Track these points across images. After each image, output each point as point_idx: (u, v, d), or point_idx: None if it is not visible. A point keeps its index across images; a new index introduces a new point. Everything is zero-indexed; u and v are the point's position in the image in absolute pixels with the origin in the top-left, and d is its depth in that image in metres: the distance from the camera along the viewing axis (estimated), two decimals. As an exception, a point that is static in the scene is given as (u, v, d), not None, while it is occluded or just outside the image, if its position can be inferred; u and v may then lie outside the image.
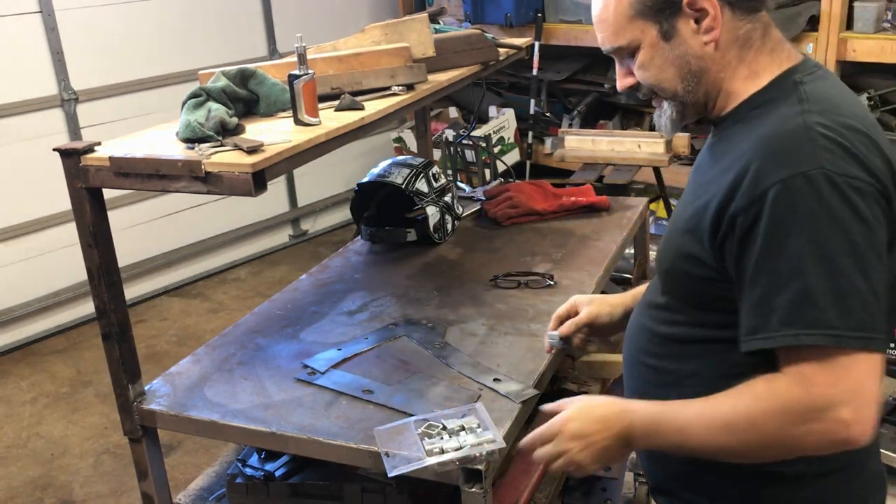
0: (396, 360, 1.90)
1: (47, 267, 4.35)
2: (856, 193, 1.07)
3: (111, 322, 1.74)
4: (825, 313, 1.06)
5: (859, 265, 1.06)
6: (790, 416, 1.09)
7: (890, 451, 2.91)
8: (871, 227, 1.08)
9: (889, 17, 3.60)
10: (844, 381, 1.06)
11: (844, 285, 1.06)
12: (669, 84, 1.26)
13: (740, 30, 1.22)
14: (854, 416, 1.06)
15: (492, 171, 4.36)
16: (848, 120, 1.13)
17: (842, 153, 1.08)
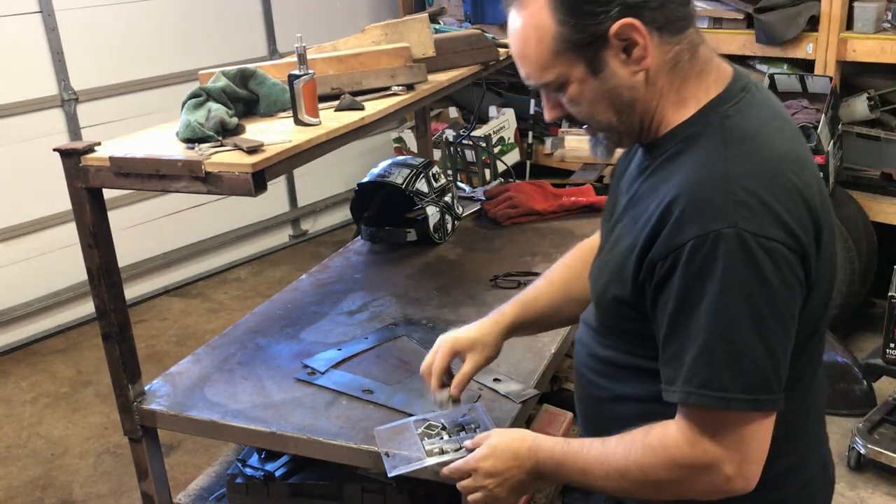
0: (396, 360, 1.90)
1: (47, 267, 4.35)
2: (767, 255, 1.05)
3: (111, 322, 1.74)
4: (719, 375, 1.07)
5: (760, 329, 1.06)
6: (676, 469, 1.13)
7: (890, 451, 2.91)
8: (780, 291, 1.07)
9: (889, 17, 3.60)
10: (730, 440, 1.10)
11: (741, 348, 1.07)
12: (603, 116, 1.20)
13: (669, 53, 1.15)
14: (736, 472, 1.11)
15: (492, 171, 4.36)
16: (771, 164, 1.09)
17: (759, 209, 1.05)
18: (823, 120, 3.49)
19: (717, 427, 1.10)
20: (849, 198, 3.77)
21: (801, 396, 1.24)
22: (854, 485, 2.97)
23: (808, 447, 1.32)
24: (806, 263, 1.09)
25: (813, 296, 1.13)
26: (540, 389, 1.78)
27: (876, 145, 3.84)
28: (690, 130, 1.15)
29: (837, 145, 3.69)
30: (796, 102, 3.71)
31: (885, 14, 3.61)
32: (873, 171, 3.84)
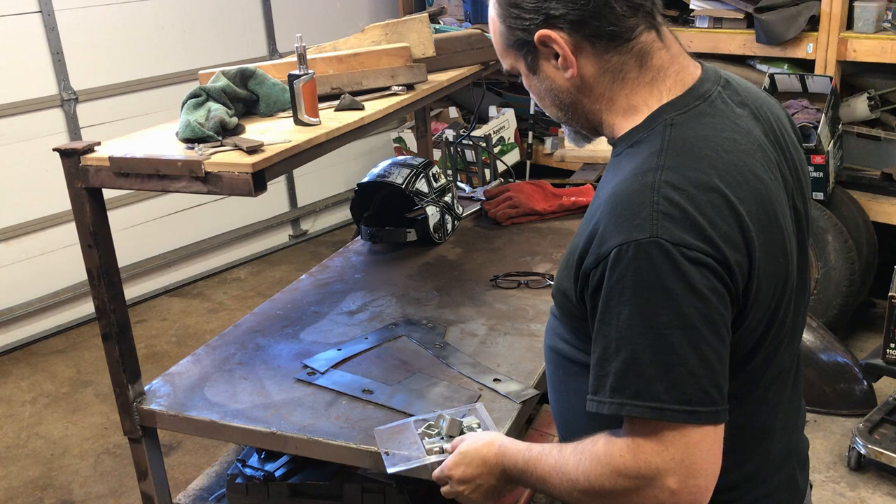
0: (396, 360, 1.90)
1: (47, 267, 4.35)
2: (690, 264, 1.03)
3: (111, 322, 1.74)
4: (651, 386, 1.05)
5: (689, 338, 1.04)
6: (622, 480, 1.10)
7: (890, 451, 2.91)
8: (705, 299, 1.04)
9: (889, 17, 3.60)
10: (670, 451, 1.06)
11: (671, 358, 1.04)
12: (549, 110, 1.27)
13: (608, 63, 1.17)
14: (680, 486, 1.06)
15: (492, 171, 4.36)
16: (703, 176, 1.08)
17: (681, 219, 1.04)
18: (823, 120, 3.49)
19: (658, 438, 1.07)
20: (849, 198, 3.77)
21: (756, 410, 1.23)
22: (854, 485, 2.97)
23: (768, 461, 1.29)
24: (733, 277, 1.07)
25: (749, 311, 1.11)
26: (540, 389, 1.78)
27: (876, 145, 3.84)
28: (637, 136, 1.17)
29: (837, 145, 3.69)
30: (796, 102, 3.71)
31: (885, 14, 3.61)
32: (873, 171, 3.84)
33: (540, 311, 2.08)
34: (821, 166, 3.52)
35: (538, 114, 4.95)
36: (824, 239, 3.54)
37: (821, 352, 3.32)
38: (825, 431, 3.25)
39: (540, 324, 2.02)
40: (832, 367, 3.34)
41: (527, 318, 2.05)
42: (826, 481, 3.00)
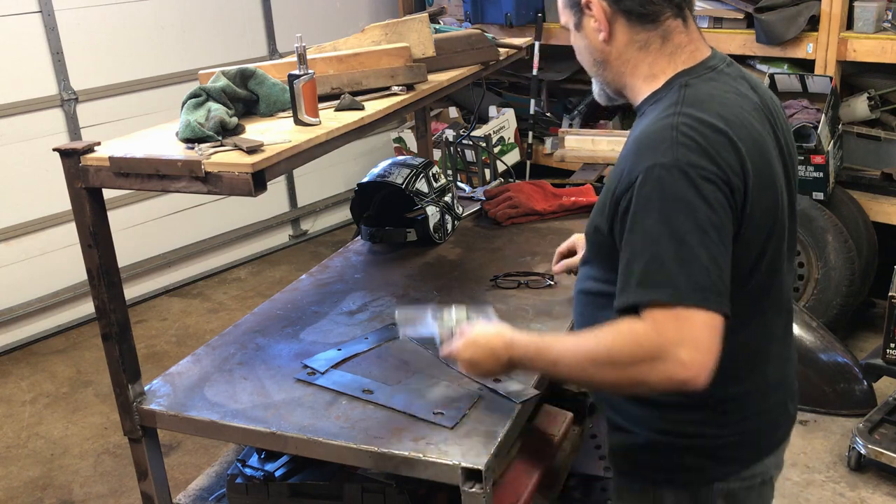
0: (396, 360, 1.90)
1: (47, 267, 4.35)
2: (703, 181, 1.28)
3: (111, 322, 1.74)
4: (672, 278, 1.27)
5: (702, 240, 1.27)
6: (641, 351, 1.29)
7: (890, 451, 2.91)
8: (715, 210, 1.28)
9: (889, 17, 3.60)
10: (686, 329, 1.26)
11: (688, 255, 1.27)
12: (585, 63, 1.57)
13: (637, 35, 1.45)
14: (690, 359, 1.25)
15: (492, 171, 4.36)
16: (712, 119, 1.33)
17: (696, 148, 1.29)
18: (823, 120, 3.49)
19: (675, 320, 1.27)
20: (849, 198, 3.77)
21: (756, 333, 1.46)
22: (855, 485, 2.97)
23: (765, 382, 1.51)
24: (735, 195, 1.31)
25: (745, 228, 1.34)
26: (540, 389, 1.78)
27: (876, 145, 3.84)
28: (657, 96, 1.43)
29: (837, 145, 3.69)
30: (796, 102, 3.71)
31: (885, 14, 3.61)
32: (873, 171, 3.84)
33: (540, 311, 2.08)
34: (821, 166, 3.52)
35: (538, 114, 4.95)
36: (824, 239, 3.54)
37: (821, 352, 3.32)
38: (825, 431, 3.25)
39: (540, 324, 2.02)
40: (832, 367, 3.34)
41: (527, 318, 2.05)
42: (826, 481, 3.00)
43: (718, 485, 1.49)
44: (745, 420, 1.50)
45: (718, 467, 1.49)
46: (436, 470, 1.54)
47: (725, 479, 1.49)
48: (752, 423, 1.50)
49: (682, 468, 1.50)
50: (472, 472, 1.51)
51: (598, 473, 2.34)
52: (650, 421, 1.49)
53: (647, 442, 1.50)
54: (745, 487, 1.51)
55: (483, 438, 1.58)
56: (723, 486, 1.49)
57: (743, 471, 1.50)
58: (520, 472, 1.94)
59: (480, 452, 1.54)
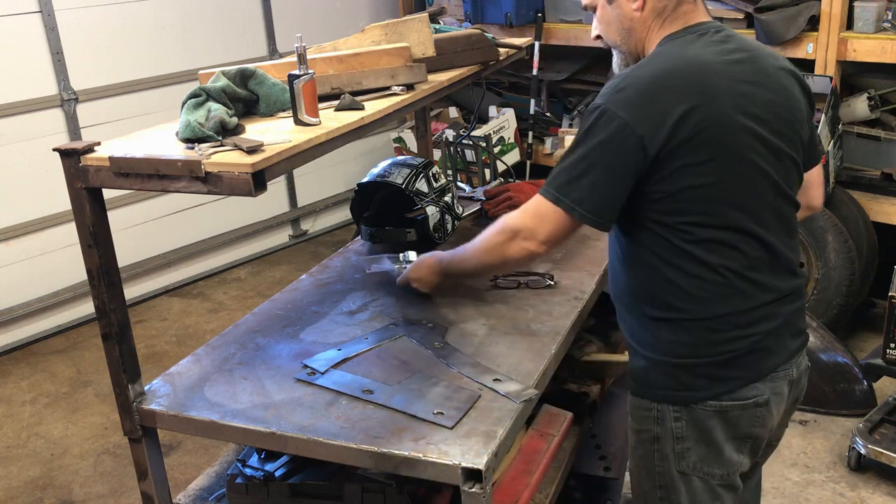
0: (396, 360, 1.90)
1: (47, 267, 4.35)
2: (615, 126, 1.56)
3: (111, 322, 1.73)
4: (552, 179, 1.66)
5: (589, 165, 1.60)
6: (503, 233, 1.76)
7: (890, 451, 2.91)
8: (610, 149, 1.58)
9: (889, 17, 3.60)
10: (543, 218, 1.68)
11: (568, 170, 1.63)
12: (612, 36, 1.78)
13: (660, 3, 1.69)
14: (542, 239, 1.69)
15: (492, 171, 4.36)
16: (658, 75, 1.60)
17: (626, 100, 1.58)
18: (824, 120, 3.49)
19: (537, 208, 1.69)
20: (849, 198, 3.77)
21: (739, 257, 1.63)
22: (854, 485, 2.97)
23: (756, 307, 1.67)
24: (644, 143, 1.56)
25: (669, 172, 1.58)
26: (540, 389, 1.78)
27: (876, 145, 3.84)
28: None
29: (837, 145, 3.69)
30: (796, 102, 3.70)
31: (885, 14, 3.61)
32: (873, 171, 3.84)
33: (540, 311, 2.08)
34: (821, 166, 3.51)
35: (538, 114, 4.95)
36: (824, 239, 3.54)
37: (821, 352, 3.32)
38: (825, 431, 3.25)
39: (540, 324, 2.02)
40: (832, 367, 3.34)
41: (527, 318, 2.05)
42: (826, 481, 3.01)
43: (711, 402, 1.67)
44: (732, 341, 1.65)
45: (709, 386, 1.67)
46: (436, 470, 1.54)
47: (717, 398, 1.67)
48: (739, 344, 1.65)
49: (678, 386, 1.69)
50: (472, 472, 1.51)
51: (598, 473, 2.34)
52: (651, 342, 1.71)
53: (650, 362, 1.72)
54: (738, 406, 1.67)
55: (483, 438, 1.58)
56: (715, 404, 1.67)
57: (735, 391, 1.66)
58: (520, 472, 1.94)
59: (480, 452, 1.54)
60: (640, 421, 1.76)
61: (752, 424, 1.70)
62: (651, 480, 1.77)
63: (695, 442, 1.70)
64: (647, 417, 1.74)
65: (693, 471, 1.72)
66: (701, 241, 1.61)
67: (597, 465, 2.36)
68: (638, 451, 1.79)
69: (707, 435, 1.69)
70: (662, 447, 1.73)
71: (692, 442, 1.70)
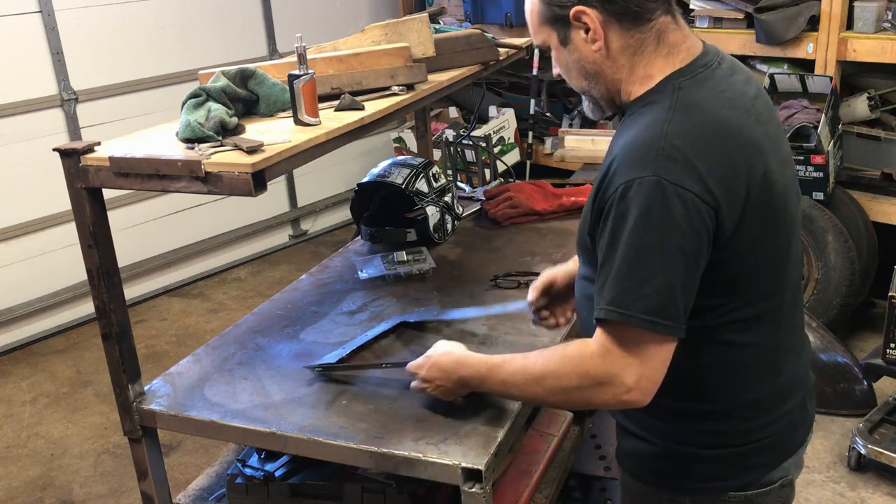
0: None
1: (47, 267, 4.35)
2: (680, 201, 1.24)
3: (111, 322, 1.74)
4: (624, 295, 1.27)
5: (664, 263, 1.25)
6: (586, 379, 1.33)
7: (890, 451, 2.91)
8: (684, 234, 1.25)
9: (889, 17, 3.60)
10: (634, 354, 1.28)
11: (646, 276, 1.26)
12: (574, 81, 1.47)
13: (631, 38, 1.38)
14: (635, 384, 1.29)
15: (492, 171, 4.36)
16: (707, 128, 1.30)
17: (682, 163, 1.25)
18: (823, 120, 3.49)
19: (624, 341, 1.29)
20: (849, 198, 3.77)
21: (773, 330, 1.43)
22: (854, 485, 2.97)
23: (784, 382, 1.47)
24: (719, 216, 1.27)
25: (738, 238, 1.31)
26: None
27: (876, 145, 3.84)
28: (650, 98, 1.37)
29: (837, 145, 3.69)
30: (796, 102, 3.71)
31: (885, 14, 3.61)
32: (873, 171, 3.84)
33: (540, 311, 2.08)
34: (821, 166, 3.52)
35: (538, 114, 4.95)
36: (824, 239, 3.54)
37: (821, 352, 3.32)
38: (825, 431, 3.25)
39: (540, 324, 2.01)
40: (832, 367, 3.33)
41: (527, 318, 2.05)
42: (826, 481, 3.00)
43: (736, 493, 1.46)
44: (762, 427, 1.45)
45: (735, 476, 1.46)
46: (436, 470, 1.54)
47: (744, 489, 1.46)
48: (770, 429, 1.46)
49: (698, 477, 1.47)
50: (472, 472, 1.51)
51: (598, 473, 2.34)
52: (665, 430, 1.47)
53: (660, 450, 1.49)
54: (763, 493, 1.48)
55: (483, 438, 1.58)
56: (740, 495, 1.47)
57: (762, 478, 1.47)
58: (520, 472, 1.94)
59: (480, 452, 1.54)
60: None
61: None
62: None
63: None
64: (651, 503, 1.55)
65: None
66: (739, 321, 1.39)
67: (597, 465, 2.36)
68: None
69: None
70: None
71: None
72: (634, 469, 1.56)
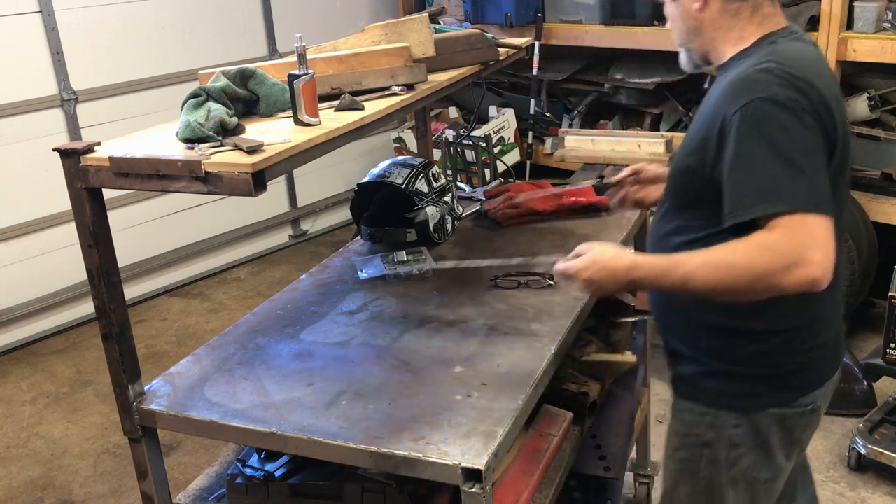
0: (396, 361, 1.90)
1: (47, 267, 4.35)
2: (800, 110, 1.49)
3: (111, 322, 1.74)
4: (786, 191, 1.46)
5: (806, 158, 1.48)
6: (780, 258, 1.44)
7: (890, 451, 2.91)
8: (813, 133, 1.49)
9: (889, 17, 3.60)
10: (814, 234, 1.44)
11: (796, 172, 1.47)
12: (677, 33, 1.77)
13: (731, 5, 1.66)
14: (820, 260, 1.43)
15: (492, 171, 4.36)
16: (797, 70, 1.54)
17: (789, 84, 1.51)
18: (823, 120, 3.48)
19: (801, 226, 1.44)
20: (849, 198, 3.77)
21: None
22: (854, 485, 2.97)
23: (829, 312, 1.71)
24: (826, 127, 1.52)
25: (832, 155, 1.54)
26: (540, 389, 1.78)
27: (876, 145, 3.84)
28: (744, 55, 1.65)
29: (837, 145, 3.68)
30: (796, 102, 3.70)
31: (885, 14, 3.61)
32: (873, 171, 3.84)
33: (540, 311, 2.08)
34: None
35: (538, 114, 4.95)
36: (824, 239, 3.53)
37: (821, 352, 3.32)
38: (825, 431, 3.25)
39: (540, 324, 2.02)
40: (832, 367, 3.33)
41: (527, 318, 2.05)
42: (826, 481, 3.00)
43: (774, 410, 1.68)
44: (805, 352, 1.68)
45: (776, 394, 1.68)
46: (436, 470, 1.54)
47: (780, 406, 1.68)
48: (805, 356, 1.68)
49: (743, 394, 1.69)
50: (472, 472, 1.51)
51: (598, 473, 2.34)
52: (719, 350, 1.68)
53: (712, 369, 1.70)
54: (796, 414, 1.70)
55: (483, 438, 1.58)
56: (777, 412, 1.69)
57: (797, 399, 1.69)
58: (520, 472, 1.94)
59: (480, 452, 1.54)
60: (689, 425, 1.76)
61: (805, 430, 1.75)
62: (693, 485, 1.77)
63: (749, 448, 1.71)
64: (697, 422, 1.73)
65: (742, 477, 1.73)
66: None
67: (597, 465, 2.36)
68: (681, 454, 1.79)
69: (764, 441, 1.71)
70: (714, 453, 1.72)
71: (747, 448, 1.71)
72: (686, 391, 1.76)
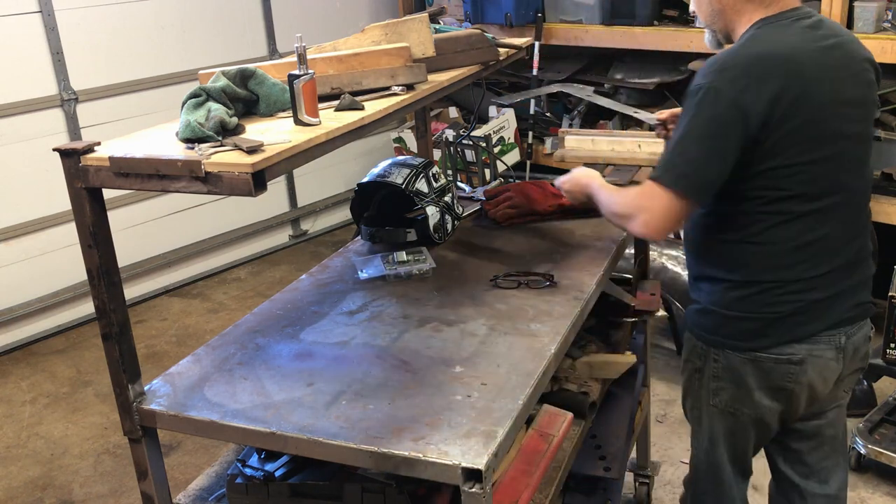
0: (396, 360, 1.90)
1: (47, 267, 4.36)
2: (722, 102, 1.73)
3: (111, 322, 1.74)
4: (664, 163, 1.83)
5: (700, 143, 1.77)
6: (623, 206, 1.93)
7: (890, 451, 2.91)
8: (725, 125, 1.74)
9: (889, 17, 3.60)
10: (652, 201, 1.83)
11: (684, 149, 1.79)
12: (702, 13, 1.96)
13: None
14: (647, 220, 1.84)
15: (492, 171, 4.36)
16: (761, 51, 1.77)
17: (731, 77, 1.74)
18: (823, 120, 3.48)
19: (650, 193, 1.83)
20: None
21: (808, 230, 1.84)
22: (854, 485, 2.97)
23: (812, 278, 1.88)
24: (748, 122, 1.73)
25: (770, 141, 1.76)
26: (540, 389, 1.78)
27: (876, 145, 3.83)
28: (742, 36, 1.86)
29: (837, 145, 3.69)
30: (796, 102, 3.70)
31: (885, 14, 3.61)
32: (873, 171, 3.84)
33: (540, 310, 2.08)
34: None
35: (538, 114, 4.95)
36: (824, 239, 3.53)
37: (821, 352, 3.32)
38: (825, 431, 3.25)
39: (540, 324, 2.02)
40: (832, 367, 3.33)
41: (527, 318, 2.05)
42: (826, 481, 3.00)
43: (751, 353, 1.92)
44: (783, 304, 1.88)
45: (752, 339, 1.92)
46: (436, 470, 1.54)
47: (754, 350, 1.92)
48: (784, 307, 1.88)
49: (722, 334, 1.96)
50: (472, 472, 1.51)
51: (598, 473, 2.34)
52: (715, 295, 1.95)
53: (709, 312, 1.98)
54: (771, 360, 1.91)
55: (483, 438, 1.58)
56: (753, 355, 1.92)
57: (772, 347, 1.90)
58: (520, 472, 1.94)
59: (480, 452, 1.54)
60: (689, 352, 2.08)
61: (786, 379, 1.93)
62: (692, 401, 2.11)
63: (728, 383, 1.98)
64: (694, 350, 2.05)
65: (725, 406, 2.01)
66: (779, 213, 1.82)
67: (597, 465, 2.36)
68: (685, 374, 2.12)
69: (740, 379, 1.96)
70: (703, 379, 2.04)
71: (726, 382, 1.98)
72: (692, 327, 2.06)
